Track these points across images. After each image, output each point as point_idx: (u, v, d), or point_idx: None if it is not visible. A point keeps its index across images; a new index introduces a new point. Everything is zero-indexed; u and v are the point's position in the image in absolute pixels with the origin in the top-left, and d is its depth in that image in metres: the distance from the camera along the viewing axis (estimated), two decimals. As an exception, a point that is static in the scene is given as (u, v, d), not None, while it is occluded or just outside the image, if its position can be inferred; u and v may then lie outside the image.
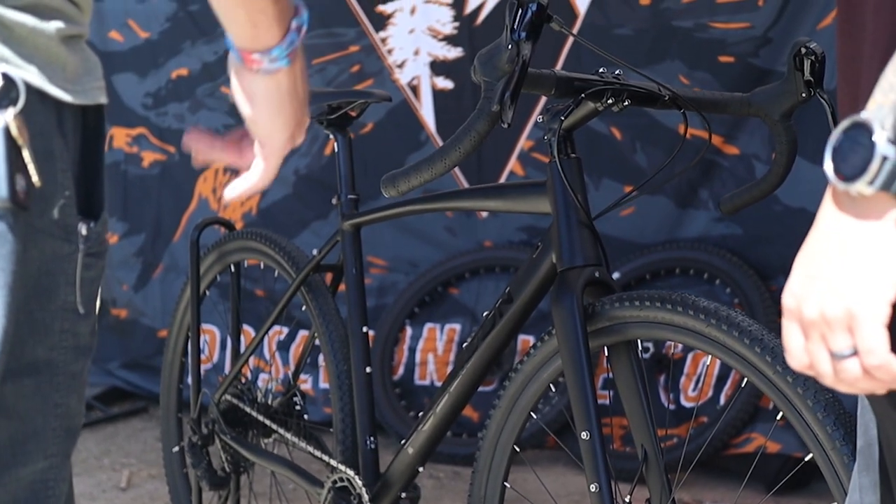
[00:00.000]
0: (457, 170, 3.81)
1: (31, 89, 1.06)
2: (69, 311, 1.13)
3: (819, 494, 3.07)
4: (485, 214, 3.85)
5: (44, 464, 1.14)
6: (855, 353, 0.97)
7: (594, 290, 1.77)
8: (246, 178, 1.29)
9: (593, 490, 1.69)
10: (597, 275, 1.77)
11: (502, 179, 3.73)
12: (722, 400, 3.40)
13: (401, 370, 3.87)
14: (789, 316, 1.01)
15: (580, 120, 1.78)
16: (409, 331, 3.88)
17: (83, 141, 1.14)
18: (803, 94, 1.78)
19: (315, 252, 2.31)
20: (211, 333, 4.04)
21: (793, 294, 1.01)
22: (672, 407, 3.48)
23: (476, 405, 3.72)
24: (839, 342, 0.98)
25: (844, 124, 0.95)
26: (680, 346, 3.50)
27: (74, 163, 1.13)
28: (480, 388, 3.55)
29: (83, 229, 1.13)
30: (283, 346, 3.97)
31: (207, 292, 2.64)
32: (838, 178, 0.95)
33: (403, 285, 3.93)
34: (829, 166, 0.96)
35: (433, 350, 3.86)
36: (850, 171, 0.94)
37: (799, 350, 1.02)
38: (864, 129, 0.94)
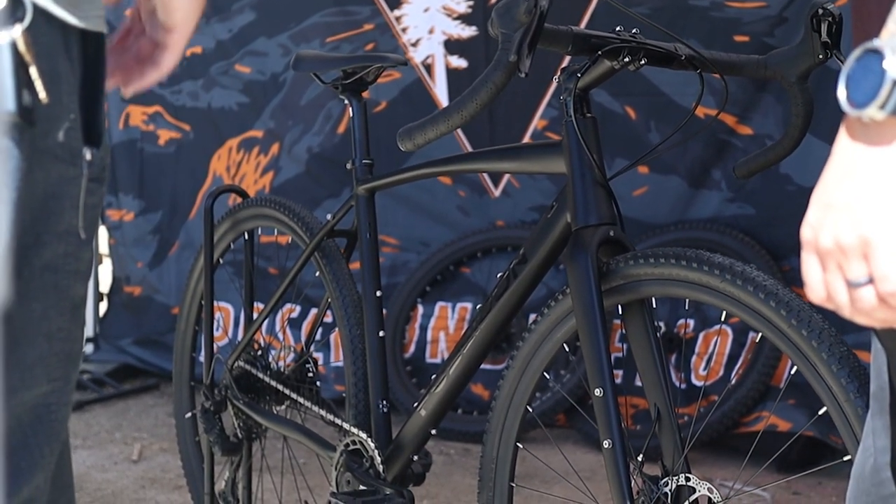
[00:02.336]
0: (470, 148, 3.81)
1: (37, 9, 1.06)
2: (73, 236, 1.13)
3: (828, 472, 3.07)
4: (497, 194, 3.85)
5: (47, 387, 1.15)
6: (870, 280, 0.97)
7: (609, 248, 1.77)
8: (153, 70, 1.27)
9: (606, 446, 1.69)
10: (611, 233, 1.76)
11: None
12: (733, 379, 3.40)
13: (412, 348, 3.88)
14: (807, 248, 1.01)
15: (596, 79, 1.78)
16: (420, 309, 3.89)
17: (84, 68, 1.14)
18: (820, 56, 1.78)
19: (329, 217, 2.31)
20: (225, 311, 4.06)
21: (809, 225, 1.00)
22: (683, 386, 3.48)
23: (487, 384, 3.73)
24: (854, 270, 0.98)
25: (857, 52, 0.96)
26: (691, 325, 3.51)
27: (78, 88, 1.13)
28: (491, 367, 3.61)
29: (88, 154, 1.13)
30: (295, 325, 3.98)
31: (221, 261, 2.64)
32: (850, 106, 0.96)
33: (415, 264, 3.93)
34: (842, 93, 0.96)
35: (444, 328, 3.86)
36: (862, 97, 0.95)
37: (817, 283, 1.01)
38: (876, 56, 0.94)
